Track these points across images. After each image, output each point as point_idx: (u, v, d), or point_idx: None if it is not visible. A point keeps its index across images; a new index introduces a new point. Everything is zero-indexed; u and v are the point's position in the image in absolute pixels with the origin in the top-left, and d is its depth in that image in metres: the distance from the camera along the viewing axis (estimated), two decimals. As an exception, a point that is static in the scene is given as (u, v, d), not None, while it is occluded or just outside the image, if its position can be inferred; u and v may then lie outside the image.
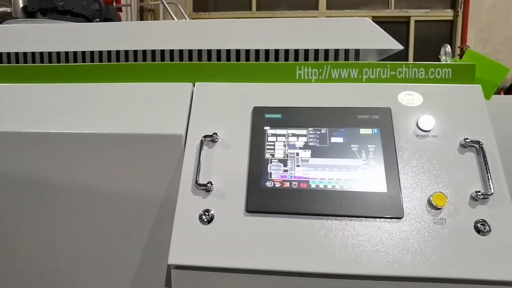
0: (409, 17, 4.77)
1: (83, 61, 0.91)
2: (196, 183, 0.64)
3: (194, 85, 0.76)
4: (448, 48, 0.82)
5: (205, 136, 0.67)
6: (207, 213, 0.62)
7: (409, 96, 0.71)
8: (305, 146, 0.66)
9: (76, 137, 0.72)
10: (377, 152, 0.65)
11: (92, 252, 0.75)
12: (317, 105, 0.70)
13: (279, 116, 0.69)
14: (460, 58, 0.93)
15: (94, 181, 0.73)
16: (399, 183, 0.62)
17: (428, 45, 4.72)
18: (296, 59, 0.84)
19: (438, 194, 0.61)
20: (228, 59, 0.85)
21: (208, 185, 0.63)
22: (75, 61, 0.92)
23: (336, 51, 0.84)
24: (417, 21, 4.76)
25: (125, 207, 0.73)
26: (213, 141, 0.68)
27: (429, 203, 0.61)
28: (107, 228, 0.74)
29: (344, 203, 0.61)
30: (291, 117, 0.69)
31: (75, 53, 0.91)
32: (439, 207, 0.60)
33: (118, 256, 0.74)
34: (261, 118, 0.69)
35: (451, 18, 4.75)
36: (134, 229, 0.73)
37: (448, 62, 0.79)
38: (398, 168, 0.64)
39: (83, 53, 0.91)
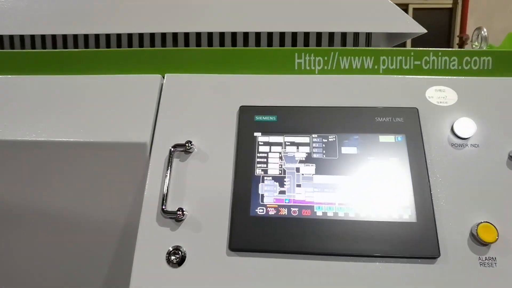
0: (407, 5, 4.73)
1: (33, 47, 0.76)
2: (163, 210, 0.52)
3: (163, 77, 0.64)
4: (484, 31, 0.67)
5: (176, 146, 0.56)
6: (177, 252, 0.51)
7: (440, 93, 0.59)
8: (308, 159, 0.54)
9: (8, 145, 0.59)
10: (403, 166, 0.53)
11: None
12: (322, 104, 0.59)
13: (273, 118, 0.58)
14: (460, 47, 0.78)
15: (35, 202, 0.60)
16: (433, 209, 0.50)
17: (426, 34, 4.63)
18: (294, 44, 0.74)
19: (485, 225, 0.49)
20: (210, 45, 0.73)
21: (178, 213, 0.52)
22: (23, 47, 0.77)
23: (343, 35, 0.73)
24: (415, 9, 4.72)
25: (73, 237, 0.60)
26: (187, 151, 0.57)
27: (473, 237, 0.50)
28: (55, 263, 0.59)
29: (361, 237, 0.49)
30: (289, 120, 0.58)
31: (21, 37, 0.76)
32: (486, 242, 0.49)
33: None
34: (250, 121, 0.58)
35: (450, 6, 4.70)
36: (85, 270, 0.58)
37: (485, 49, 0.64)
38: (430, 189, 0.51)
39: (32, 37, 0.76)
